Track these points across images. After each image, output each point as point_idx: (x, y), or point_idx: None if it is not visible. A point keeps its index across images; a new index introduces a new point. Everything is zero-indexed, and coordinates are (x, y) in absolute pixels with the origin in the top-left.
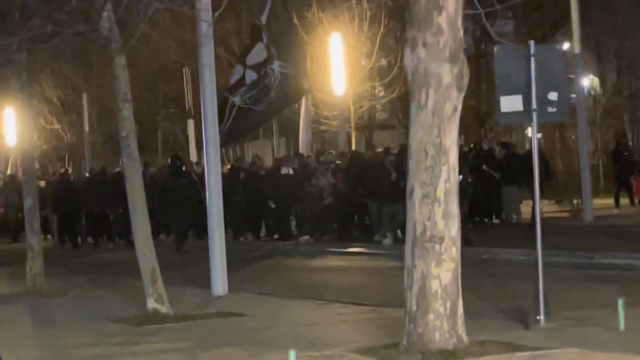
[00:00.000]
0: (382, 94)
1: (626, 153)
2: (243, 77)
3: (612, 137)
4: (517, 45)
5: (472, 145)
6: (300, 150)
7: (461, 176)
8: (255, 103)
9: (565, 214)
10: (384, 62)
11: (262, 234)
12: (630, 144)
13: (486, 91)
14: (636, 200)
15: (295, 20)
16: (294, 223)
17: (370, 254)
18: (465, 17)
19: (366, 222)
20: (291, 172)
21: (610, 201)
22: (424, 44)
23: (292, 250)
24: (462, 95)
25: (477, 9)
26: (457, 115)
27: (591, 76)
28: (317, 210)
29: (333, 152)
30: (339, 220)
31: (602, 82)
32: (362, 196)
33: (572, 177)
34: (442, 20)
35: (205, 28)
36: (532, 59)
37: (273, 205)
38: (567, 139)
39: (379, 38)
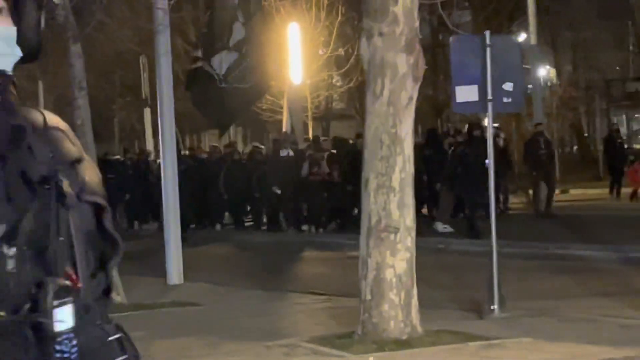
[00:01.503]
0: (339, 83)
1: (619, 141)
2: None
3: (569, 128)
4: (473, 35)
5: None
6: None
7: (487, 161)
8: (241, 81)
9: (521, 205)
10: (341, 51)
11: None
12: (586, 134)
13: (443, 81)
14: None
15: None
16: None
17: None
18: (423, 7)
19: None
20: (291, 153)
21: (572, 193)
22: (380, 34)
23: (252, 240)
24: (418, 85)
25: None
26: (413, 105)
27: (547, 67)
28: (321, 200)
29: (325, 139)
30: (338, 210)
31: (558, 73)
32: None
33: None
34: (397, 10)
35: (161, 16)
36: (488, 50)
37: (278, 191)
38: (523, 129)
39: (336, 27)
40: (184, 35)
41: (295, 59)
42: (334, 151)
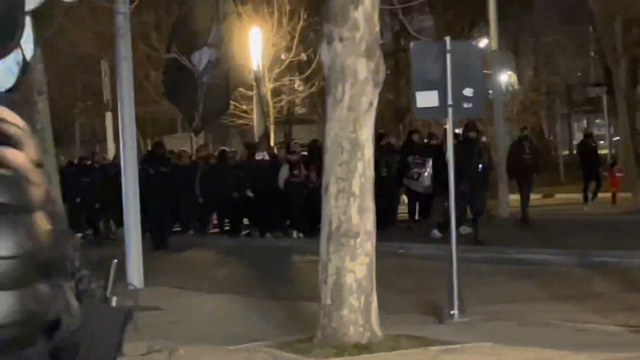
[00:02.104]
0: (301, 88)
1: (594, 144)
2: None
3: (530, 133)
4: (433, 41)
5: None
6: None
7: (480, 166)
8: (218, 79)
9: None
10: (303, 56)
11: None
12: (551, 138)
13: (405, 86)
14: (599, 195)
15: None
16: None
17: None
18: (385, 12)
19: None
20: (267, 157)
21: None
22: (341, 39)
23: (210, 243)
24: (378, 90)
25: (394, 4)
26: (373, 110)
27: (509, 72)
28: (302, 203)
29: (298, 142)
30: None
31: (520, 78)
32: None
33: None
34: (358, 15)
35: (122, 20)
36: (448, 55)
37: (251, 195)
38: (484, 134)
39: (298, 32)
40: (145, 39)
41: (257, 63)
42: (305, 154)
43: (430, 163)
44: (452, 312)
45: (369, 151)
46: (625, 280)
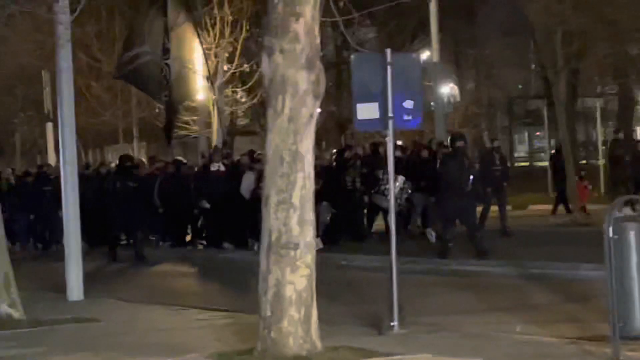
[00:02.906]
0: (243, 99)
1: (564, 157)
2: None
3: (471, 145)
4: (373, 53)
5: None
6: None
7: (472, 177)
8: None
9: None
10: (245, 67)
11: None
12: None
13: (347, 98)
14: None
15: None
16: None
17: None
18: (327, 25)
19: None
20: (222, 168)
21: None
22: (281, 51)
23: (162, 255)
24: (319, 102)
25: (336, 17)
26: (313, 122)
27: (450, 84)
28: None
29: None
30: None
31: (461, 90)
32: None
33: None
34: (299, 27)
35: (63, 31)
36: (389, 67)
37: (207, 206)
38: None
39: (240, 43)
40: (87, 50)
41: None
42: None
43: (399, 178)
44: (392, 324)
45: (309, 163)
46: (564, 291)
